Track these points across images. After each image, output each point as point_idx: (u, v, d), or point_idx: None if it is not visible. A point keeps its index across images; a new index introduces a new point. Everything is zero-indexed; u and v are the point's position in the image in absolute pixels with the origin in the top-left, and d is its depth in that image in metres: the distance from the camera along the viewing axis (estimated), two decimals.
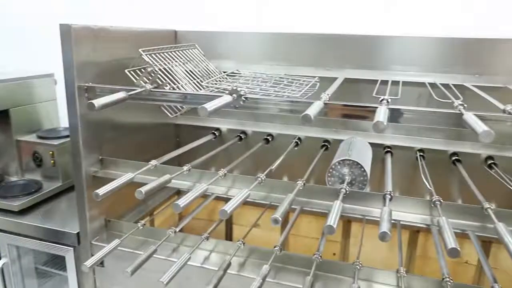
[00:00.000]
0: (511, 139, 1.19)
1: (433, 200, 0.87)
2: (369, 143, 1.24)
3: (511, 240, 0.68)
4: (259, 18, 1.46)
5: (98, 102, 0.87)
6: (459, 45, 1.24)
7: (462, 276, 1.35)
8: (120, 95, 0.94)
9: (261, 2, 1.46)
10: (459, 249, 0.64)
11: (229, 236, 1.59)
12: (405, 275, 0.92)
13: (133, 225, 1.14)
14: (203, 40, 1.42)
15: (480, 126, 0.62)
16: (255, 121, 1.42)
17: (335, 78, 1.22)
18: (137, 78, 1.06)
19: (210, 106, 0.76)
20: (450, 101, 0.89)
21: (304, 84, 1.13)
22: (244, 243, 1.05)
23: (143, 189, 0.89)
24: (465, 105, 0.80)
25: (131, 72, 1.09)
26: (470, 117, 0.69)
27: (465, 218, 0.87)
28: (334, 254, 1.45)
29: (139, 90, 0.97)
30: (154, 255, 0.98)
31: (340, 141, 1.22)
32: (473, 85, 1.15)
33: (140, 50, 1.07)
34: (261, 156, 1.34)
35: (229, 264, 0.93)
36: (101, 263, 1.13)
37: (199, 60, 1.31)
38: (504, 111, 0.76)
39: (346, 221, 1.41)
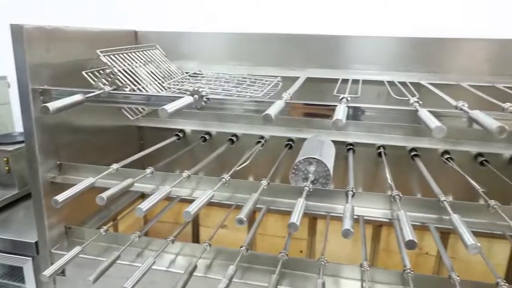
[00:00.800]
0: (465, 134, 1.25)
1: (393, 195, 0.89)
2: (332, 141, 1.26)
3: (465, 230, 0.71)
4: (222, 18, 1.46)
5: (53, 105, 0.84)
6: (416, 45, 1.29)
7: (423, 266, 1.40)
8: (77, 97, 0.91)
9: (224, 2, 1.45)
10: (416, 240, 0.66)
11: (196, 238, 1.57)
12: (368, 269, 0.94)
13: (95, 231, 1.11)
14: (165, 40, 1.40)
15: (433, 122, 0.64)
16: (219, 122, 1.41)
17: (298, 78, 1.24)
18: (96, 80, 1.03)
19: (170, 107, 0.75)
20: (407, 98, 0.92)
21: (267, 84, 1.14)
22: (210, 245, 1.04)
23: (105, 194, 0.86)
24: (420, 102, 0.82)
25: (89, 74, 1.06)
26: (424, 113, 0.71)
27: (424, 211, 0.90)
28: (301, 251, 1.47)
29: (97, 92, 0.95)
30: (118, 261, 0.96)
31: (304, 139, 1.24)
32: (428, 83, 1.20)
33: (97, 51, 1.04)
34: (226, 156, 1.34)
35: (195, 267, 0.92)
36: (62, 272, 1.09)
37: (160, 61, 1.28)
38: (456, 107, 0.80)
39: (312, 219, 1.43)
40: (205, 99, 0.87)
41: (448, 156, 1.26)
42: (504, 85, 1.16)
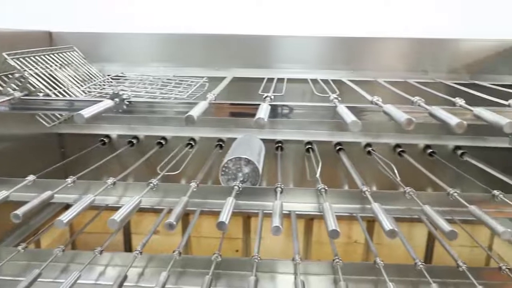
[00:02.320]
0: (384, 127, 1.33)
1: (319, 188, 0.93)
2: (262, 139, 1.28)
3: (384, 217, 0.75)
4: (145, 19, 1.41)
5: None
6: (338, 44, 1.35)
7: (353, 255, 1.47)
8: None
9: (147, 2, 1.41)
10: (338, 230, 0.69)
11: (128, 247, 1.51)
12: (300, 262, 0.97)
13: (13, 249, 1.02)
14: (84, 42, 1.33)
15: (349, 117, 0.68)
16: (147, 125, 1.37)
17: (225, 78, 1.24)
18: (4, 85, 0.95)
19: (88, 112, 0.71)
20: (328, 95, 0.96)
21: (193, 85, 1.13)
22: (141, 252, 1.00)
23: (20, 211, 0.80)
24: (339, 98, 0.86)
25: None
26: (341, 109, 0.75)
27: (348, 202, 0.95)
28: (237, 251, 1.47)
29: (6, 98, 0.87)
30: (39, 279, 0.89)
31: (234, 139, 1.24)
32: (349, 80, 1.26)
33: (4, 54, 0.95)
34: (155, 160, 1.30)
35: (125, 277, 0.89)
36: None
37: (78, 64, 1.22)
38: (371, 102, 0.85)
39: (246, 217, 1.44)
40: (127, 103, 0.84)
41: (370, 148, 1.33)
42: (415, 80, 1.26)
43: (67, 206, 1.42)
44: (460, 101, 0.83)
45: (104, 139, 1.38)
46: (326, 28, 1.39)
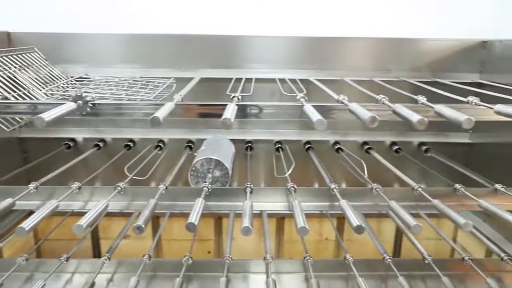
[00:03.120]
0: (352, 125, 1.36)
1: (289, 187, 0.93)
2: (232, 139, 1.28)
3: (352, 214, 0.76)
4: (111, 19, 1.38)
5: None
6: (306, 44, 1.36)
7: (324, 252, 1.49)
8: None
9: (111, 2, 1.38)
10: (307, 227, 0.70)
11: (97, 253, 1.47)
12: (272, 261, 0.97)
13: None
14: (45, 43, 1.28)
15: (315, 116, 0.68)
16: (114, 127, 1.34)
17: (192, 78, 1.23)
18: None
19: (49, 115, 0.69)
20: (295, 94, 0.96)
21: (160, 86, 1.11)
22: (109, 258, 0.98)
23: None
24: (306, 97, 0.87)
25: None
26: (308, 108, 0.75)
27: (318, 199, 0.96)
28: (209, 252, 1.46)
29: None
30: None
31: (204, 140, 1.23)
32: (316, 79, 1.27)
33: None
34: (124, 164, 1.27)
35: (92, 284, 0.87)
36: None
37: (40, 65, 1.17)
38: (337, 100, 0.86)
39: (217, 218, 1.43)
40: (90, 105, 0.82)
41: (339, 146, 1.35)
42: (380, 79, 1.29)
43: (30, 213, 1.37)
44: (422, 99, 0.86)
45: (69, 143, 1.34)
46: (294, 28, 1.40)
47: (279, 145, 1.34)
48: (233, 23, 1.40)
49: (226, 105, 0.79)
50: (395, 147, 1.38)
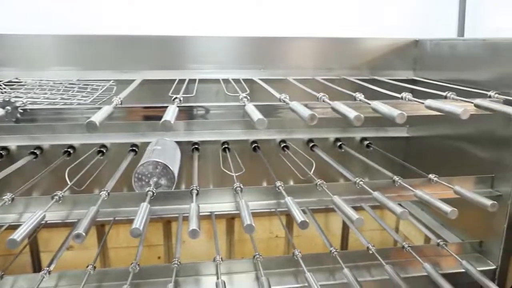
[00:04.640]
0: (297, 123, 1.38)
1: (235, 187, 0.93)
2: (178, 141, 1.26)
3: (296, 210, 0.78)
4: (45, 19, 1.31)
5: None
6: (249, 44, 1.36)
7: (275, 249, 1.51)
8: None
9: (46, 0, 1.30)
10: (253, 224, 0.70)
11: (38, 268, 1.39)
12: (221, 262, 0.97)
13: None
14: None
15: (256, 115, 0.69)
16: (52, 134, 1.27)
17: (133, 80, 1.19)
18: None
19: None
20: (238, 94, 0.97)
21: (99, 88, 1.07)
22: (50, 272, 0.93)
23: None
24: (249, 97, 0.88)
25: None
26: (249, 107, 0.76)
27: (265, 198, 0.97)
28: (159, 257, 1.43)
29: None
30: None
31: (149, 143, 1.20)
32: (259, 79, 1.28)
33: None
34: (64, 171, 1.21)
35: None
36: None
37: None
38: (279, 99, 0.87)
39: (166, 222, 1.40)
40: (21, 111, 0.77)
41: (285, 144, 1.38)
42: (322, 77, 1.32)
43: None
44: (359, 96, 0.89)
45: (1, 152, 1.25)
46: (237, 28, 1.40)
47: (226, 145, 1.34)
48: (175, 23, 1.38)
49: (165, 106, 0.78)
50: (339, 143, 1.43)
